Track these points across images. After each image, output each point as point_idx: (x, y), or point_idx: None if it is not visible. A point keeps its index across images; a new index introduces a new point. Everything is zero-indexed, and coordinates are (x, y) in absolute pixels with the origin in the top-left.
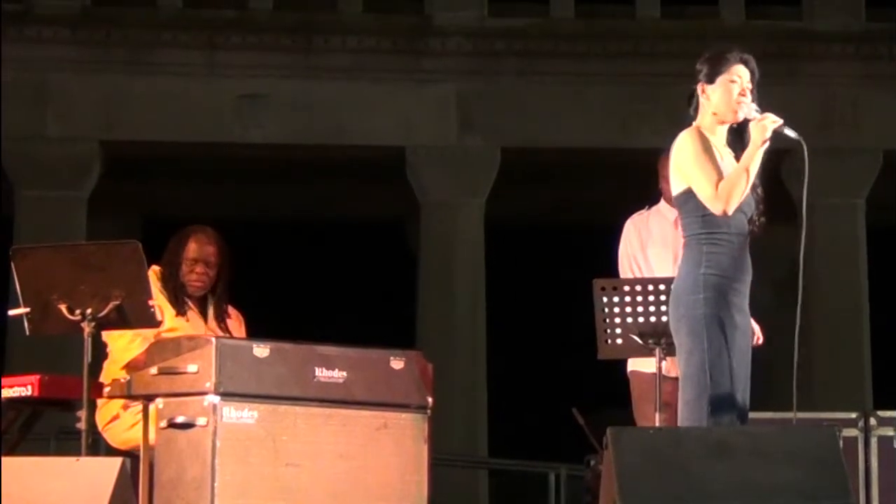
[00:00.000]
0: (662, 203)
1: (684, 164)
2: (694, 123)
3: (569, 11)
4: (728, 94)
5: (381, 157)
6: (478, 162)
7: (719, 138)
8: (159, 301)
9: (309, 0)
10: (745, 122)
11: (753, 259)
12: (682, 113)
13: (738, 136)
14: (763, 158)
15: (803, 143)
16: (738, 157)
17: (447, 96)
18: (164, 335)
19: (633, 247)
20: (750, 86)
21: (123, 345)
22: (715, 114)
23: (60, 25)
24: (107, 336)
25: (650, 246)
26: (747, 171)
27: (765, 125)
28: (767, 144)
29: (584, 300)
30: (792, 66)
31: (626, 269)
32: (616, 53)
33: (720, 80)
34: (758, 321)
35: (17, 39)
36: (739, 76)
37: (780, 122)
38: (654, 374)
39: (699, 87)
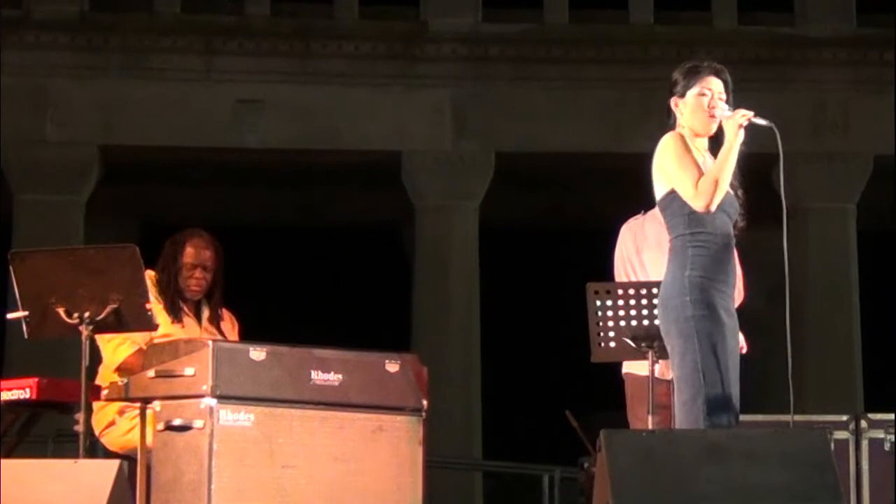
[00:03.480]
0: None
1: (666, 166)
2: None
3: (562, 17)
4: (698, 108)
5: (376, 162)
6: (472, 166)
7: (700, 144)
8: (154, 307)
9: (305, 6)
10: (723, 130)
11: (746, 265)
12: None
13: (717, 143)
14: (750, 162)
15: (775, 129)
16: None
17: (442, 101)
18: (158, 341)
19: (628, 251)
20: (724, 96)
21: (112, 348)
22: (690, 127)
23: (59, 31)
24: (98, 339)
25: (645, 250)
26: (724, 166)
27: (735, 119)
28: (742, 138)
29: (577, 303)
30: (784, 72)
31: (621, 273)
32: (609, 59)
33: (690, 93)
34: (751, 326)
35: (16, 45)
36: (710, 89)
37: (751, 113)
38: (648, 376)
39: (672, 102)
